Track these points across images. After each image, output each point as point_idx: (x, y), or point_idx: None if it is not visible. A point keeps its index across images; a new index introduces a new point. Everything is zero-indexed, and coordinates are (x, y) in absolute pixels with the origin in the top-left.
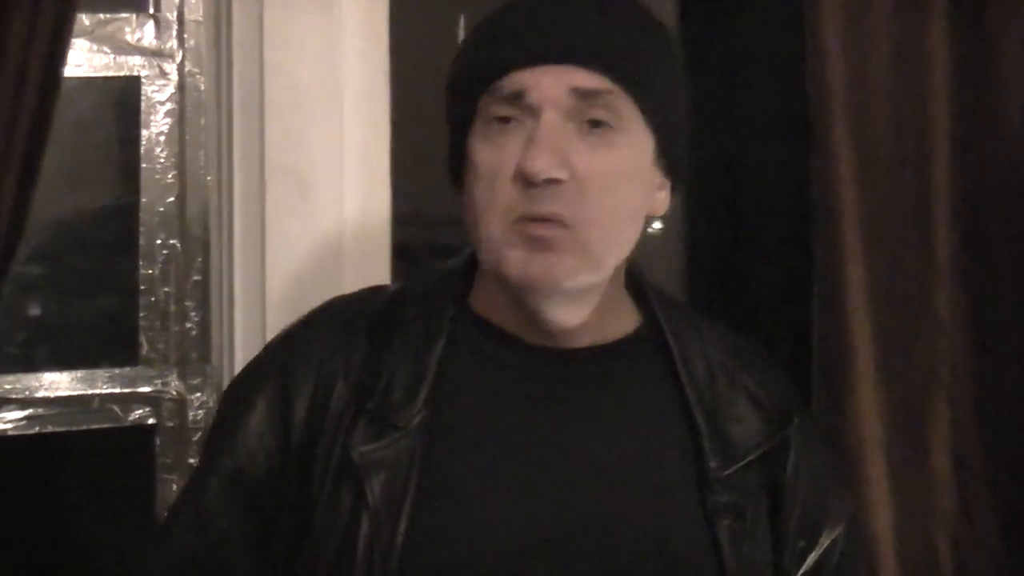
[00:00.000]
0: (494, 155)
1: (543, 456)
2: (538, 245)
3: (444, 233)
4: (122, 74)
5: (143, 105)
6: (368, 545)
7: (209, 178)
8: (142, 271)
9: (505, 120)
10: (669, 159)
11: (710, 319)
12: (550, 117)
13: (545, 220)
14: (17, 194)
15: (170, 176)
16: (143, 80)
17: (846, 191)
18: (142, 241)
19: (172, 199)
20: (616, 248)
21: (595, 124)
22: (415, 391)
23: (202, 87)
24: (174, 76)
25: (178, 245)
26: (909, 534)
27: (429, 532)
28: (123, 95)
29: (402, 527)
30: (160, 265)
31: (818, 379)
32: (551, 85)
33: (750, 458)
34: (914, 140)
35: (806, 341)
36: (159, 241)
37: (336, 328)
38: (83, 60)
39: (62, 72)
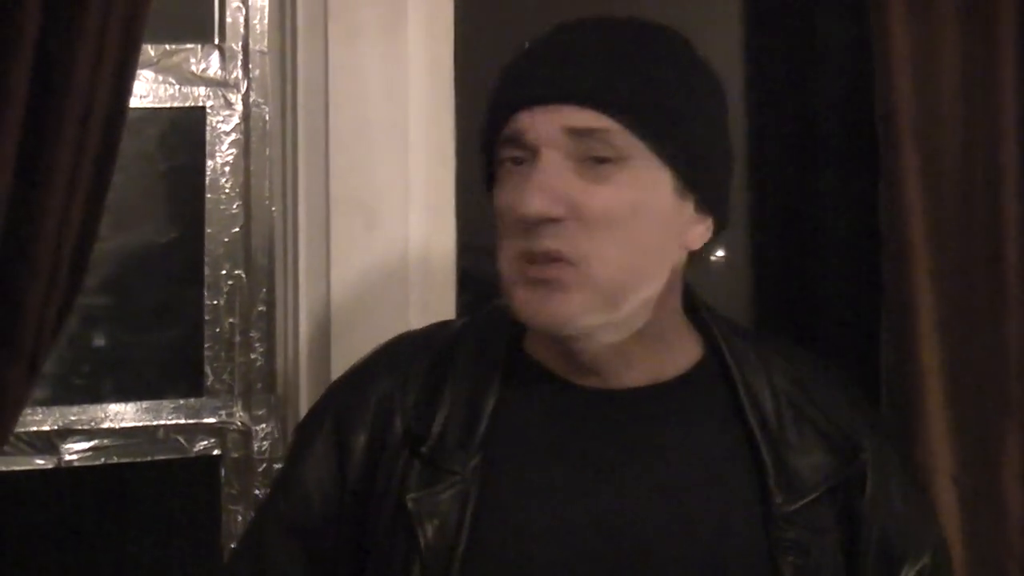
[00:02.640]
0: (505, 197)
1: (597, 500)
2: (542, 286)
3: None
4: (187, 105)
5: (208, 135)
6: None
7: (274, 208)
8: (207, 302)
9: (517, 162)
10: (700, 192)
11: (778, 343)
12: (547, 156)
13: (548, 260)
14: (83, 225)
15: (235, 207)
16: (208, 111)
17: (915, 219)
18: (207, 272)
19: (237, 229)
20: (635, 284)
21: (599, 160)
22: (470, 437)
23: (267, 117)
24: (239, 106)
25: (243, 276)
26: (979, 564)
27: None
28: (188, 126)
29: (455, 573)
30: (225, 296)
31: (887, 408)
32: (543, 125)
33: (817, 493)
34: (983, 167)
35: (875, 370)
36: (224, 272)
37: (396, 368)
38: (148, 91)
39: (128, 103)
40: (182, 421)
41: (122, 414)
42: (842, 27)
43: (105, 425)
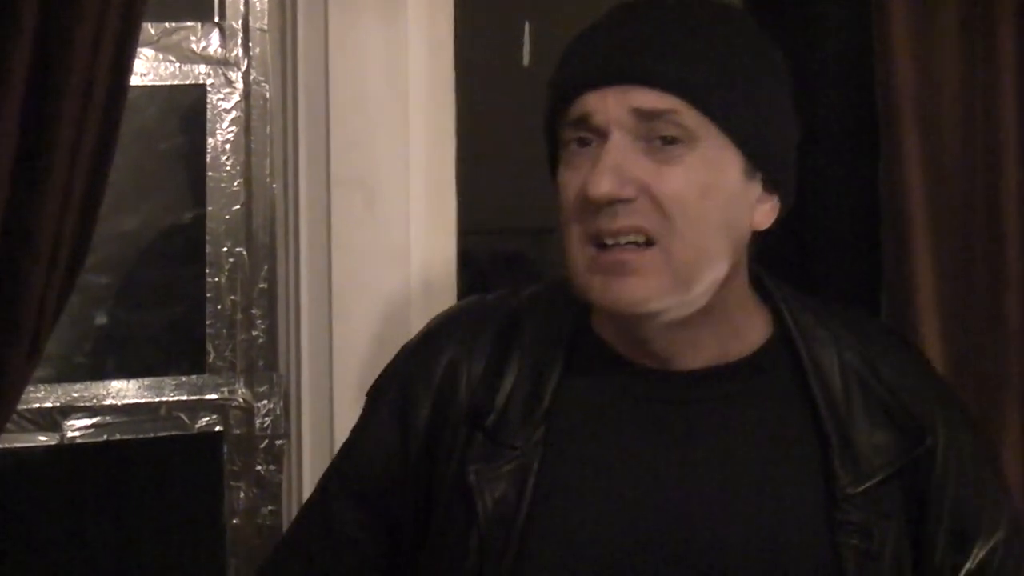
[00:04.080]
0: (571, 179)
1: (655, 480)
2: (618, 270)
3: (509, 242)
4: (188, 83)
5: (209, 113)
6: (478, 562)
7: (275, 186)
8: (208, 279)
9: (582, 143)
10: (767, 171)
11: (850, 316)
12: (617, 138)
13: (622, 243)
14: (84, 203)
15: (236, 184)
16: (208, 88)
17: (915, 196)
18: (208, 249)
19: (238, 207)
20: (706, 265)
21: (667, 141)
22: (532, 412)
23: (268, 95)
24: (239, 84)
25: (244, 253)
26: None
27: (540, 552)
28: (189, 104)
29: (513, 547)
30: (226, 273)
31: None
32: (613, 107)
33: (882, 475)
34: (983, 145)
35: None
36: (225, 249)
37: (463, 337)
38: (149, 69)
39: (128, 81)
40: (184, 398)
41: (124, 391)
42: (844, 14)
43: (107, 402)
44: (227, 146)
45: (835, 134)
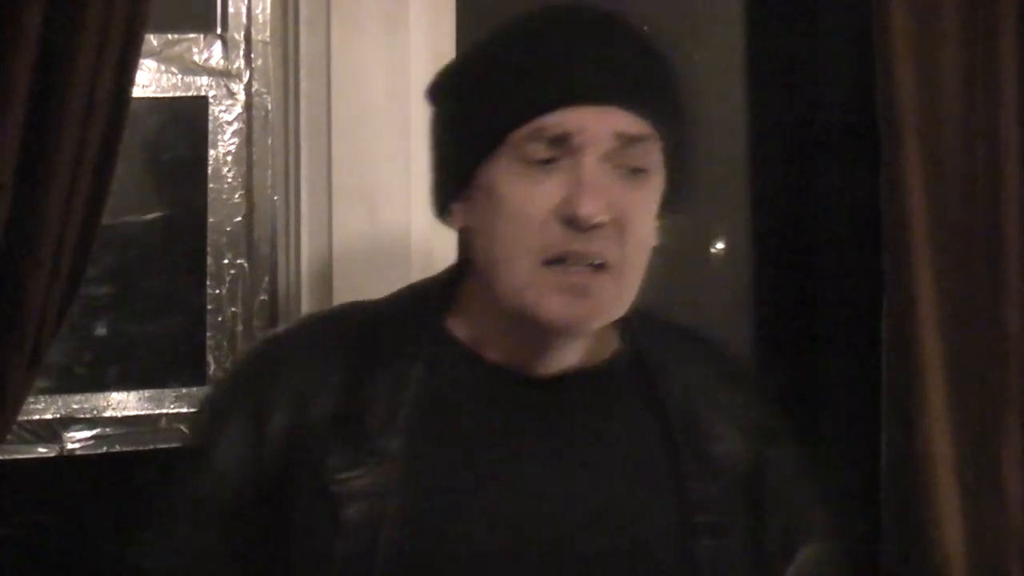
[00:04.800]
0: (529, 194)
1: (523, 482)
2: (580, 291)
3: None
4: (189, 94)
5: (210, 125)
6: (344, 572)
7: (276, 198)
8: (209, 291)
9: (547, 159)
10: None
11: (691, 337)
12: (592, 159)
13: (587, 265)
14: (86, 214)
15: (237, 196)
16: (210, 100)
17: (915, 208)
18: (209, 261)
19: (239, 219)
20: (637, 287)
21: (633, 169)
22: (393, 418)
23: (269, 107)
24: (241, 96)
25: (245, 265)
26: (980, 554)
27: (406, 562)
28: (190, 115)
29: (379, 557)
30: (227, 285)
31: (887, 396)
32: (597, 127)
33: (730, 478)
34: (984, 157)
35: (875, 363)
36: (226, 261)
37: (313, 349)
38: (151, 80)
39: (130, 92)
40: (184, 410)
41: (124, 403)
42: (844, 20)
43: (107, 414)
44: (229, 157)
45: (837, 148)
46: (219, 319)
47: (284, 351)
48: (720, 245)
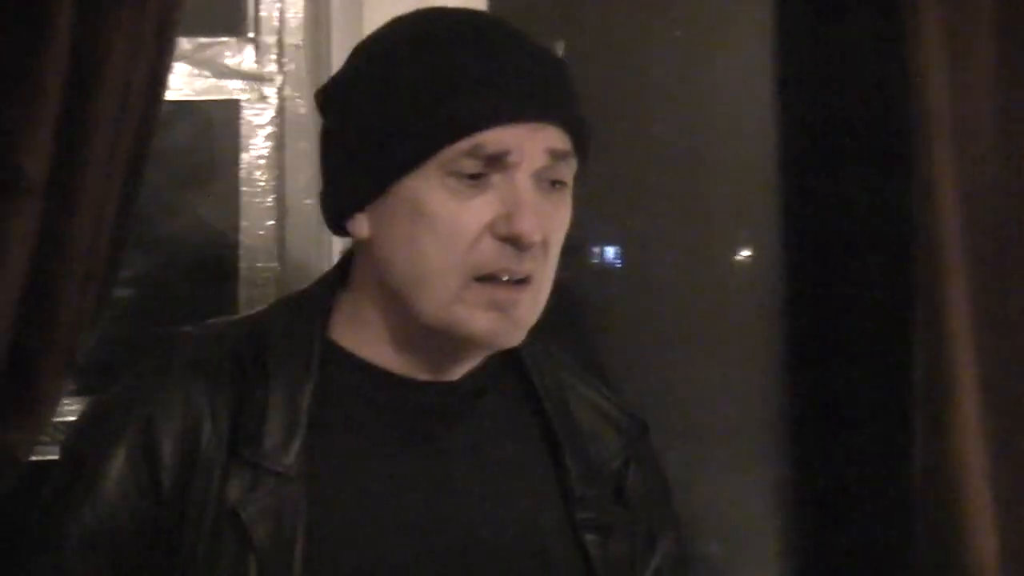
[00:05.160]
0: (460, 210)
1: (426, 492)
2: (508, 306)
3: None
4: (221, 98)
5: (242, 129)
6: None
7: (308, 202)
8: (241, 295)
9: (476, 175)
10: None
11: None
12: (526, 176)
13: (517, 282)
14: (118, 216)
15: (269, 200)
16: (242, 104)
17: (947, 214)
18: (242, 265)
19: (271, 223)
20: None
21: (555, 184)
22: (291, 436)
23: (302, 111)
24: (273, 100)
25: (278, 269)
26: (1014, 563)
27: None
28: (222, 119)
29: (297, 574)
30: (259, 289)
31: (919, 403)
32: (532, 145)
33: (609, 471)
34: (1017, 164)
35: (907, 370)
36: (259, 265)
37: (197, 368)
38: (183, 84)
39: (163, 95)
40: None
41: None
42: (875, 25)
43: None
44: (261, 161)
45: (869, 155)
46: None
47: (166, 371)
48: (746, 252)
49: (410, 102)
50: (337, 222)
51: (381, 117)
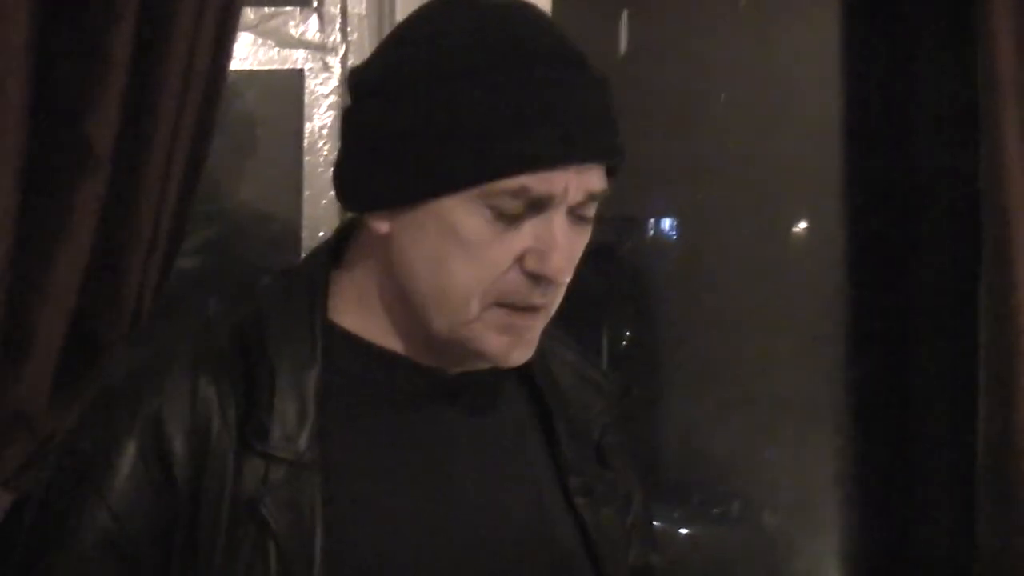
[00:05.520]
0: (494, 242)
1: (437, 473)
2: (523, 332)
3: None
4: (286, 67)
5: (306, 98)
6: None
7: None
8: None
9: (508, 212)
10: None
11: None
12: (562, 215)
13: (534, 310)
14: (182, 188)
15: (332, 169)
16: (306, 73)
17: (1014, 182)
18: (304, 235)
19: (334, 192)
20: None
21: (581, 218)
22: (301, 423)
23: None
24: (337, 69)
25: None
26: None
27: (346, 564)
28: (286, 89)
29: (317, 562)
30: None
31: (985, 377)
32: (574, 188)
33: (593, 434)
34: None
35: (973, 338)
36: (321, 234)
37: (204, 359)
38: (247, 54)
39: (227, 66)
40: None
41: None
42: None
43: None
44: (324, 131)
45: (934, 126)
46: None
47: (170, 363)
48: (804, 224)
49: (460, 125)
50: (352, 207)
51: (425, 131)
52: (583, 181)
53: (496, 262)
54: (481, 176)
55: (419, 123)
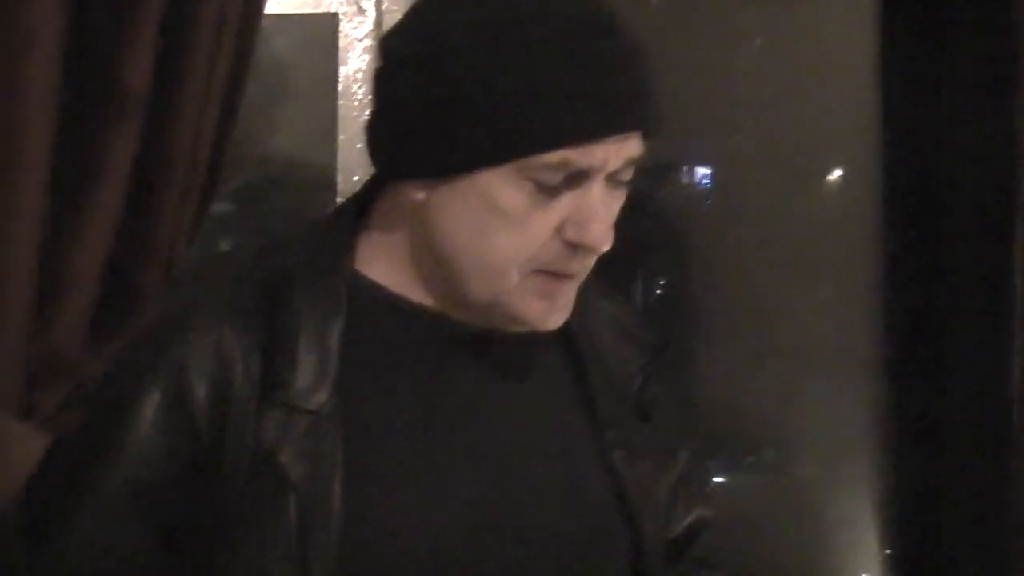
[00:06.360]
0: (534, 212)
1: (461, 426)
2: (559, 296)
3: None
4: (319, 11)
5: (340, 42)
6: (301, 535)
7: None
8: None
9: (548, 184)
10: None
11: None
12: (601, 184)
13: (571, 276)
14: (217, 129)
15: (367, 114)
16: (340, 17)
17: None
18: (339, 179)
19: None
20: None
21: (618, 183)
22: (323, 374)
23: None
24: (371, 12)
25: None
26: None
27: (365, 517)
28: (320, 32)
29: (335, 513)
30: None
31: (1019, 327)
32: (614, 157)
33: (631, 388)
34: None
35: (1007, 287)
36: (356, 179)
37: (225, 305)
38: None
39: (261, 9)
40: None
41: None
42: None
43: None
44: (359, 75)
45: (968, 74)
46: None
47: (194, 312)
48: (838, 172)
49: (500, 99)
50: (387, 173)
51: (464, 104)
52: (622, 150)
53: (536, 233)
54: (522, 150)
55: (458, 96)
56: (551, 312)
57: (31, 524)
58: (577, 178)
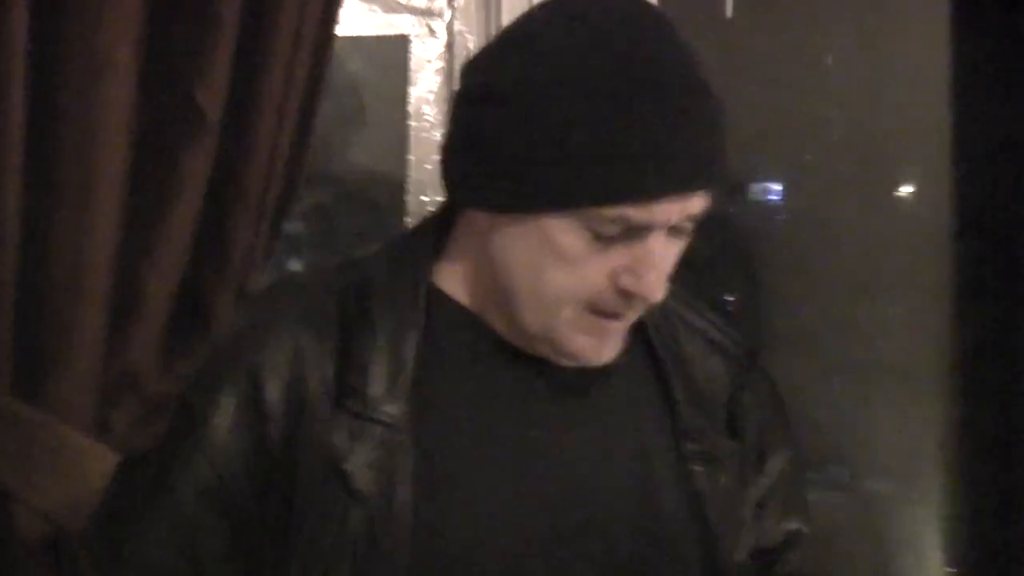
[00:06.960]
0: (590, 260)
1: (533, 438)
2: (609, 335)
3: None
4: (392, 33)
5: (412, 64)
6: (367, 545)
7: None
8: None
9: (604, 236)
10: None
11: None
12: (660, 236)
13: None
14: (292, 151)
15: (437, 134)
16: (412, 39)
17: None
18: (408, 199)
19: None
20: None
21: (676, 233)
22: (396, 385)
23: (471, 45)
24: (443, 35)
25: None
26: None
27: (437, 529)
28: (392, 54)
29: (405, 524)
30: None
31: None
32: (676, 214)
33: (718, 402)
34: None
35: None
36: (425, 198)
37: (303, 314)
38: (354, 19)
39: (334, 32)
40: None
41: None
42: None
43: None
44: (430, 96)
45: None
46: None
47: (273, 318)
48: (909, 188)
49: (570, 148)
50: (455, 199)
51: (535, 149)
52: (685, 208)
53: (591, 277)
54: (583, 201)
55: (532, 140)
56: (600, 349)
57: (105, 539)
58: (636, 231)
